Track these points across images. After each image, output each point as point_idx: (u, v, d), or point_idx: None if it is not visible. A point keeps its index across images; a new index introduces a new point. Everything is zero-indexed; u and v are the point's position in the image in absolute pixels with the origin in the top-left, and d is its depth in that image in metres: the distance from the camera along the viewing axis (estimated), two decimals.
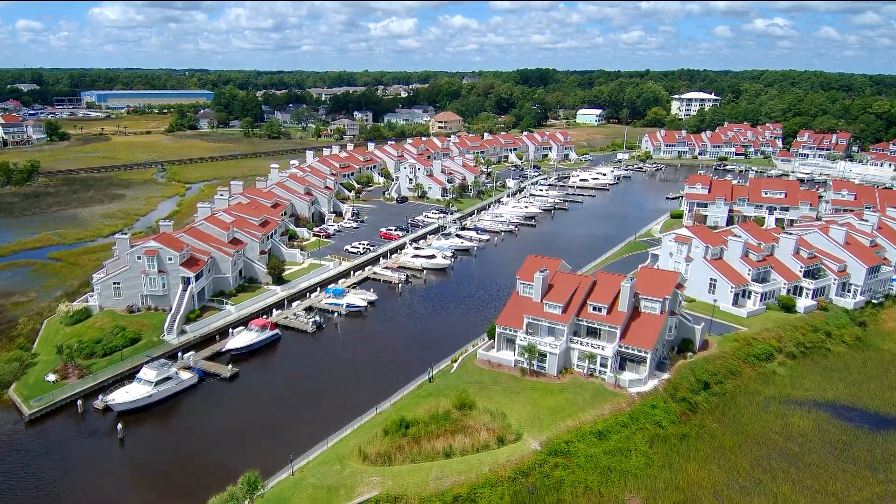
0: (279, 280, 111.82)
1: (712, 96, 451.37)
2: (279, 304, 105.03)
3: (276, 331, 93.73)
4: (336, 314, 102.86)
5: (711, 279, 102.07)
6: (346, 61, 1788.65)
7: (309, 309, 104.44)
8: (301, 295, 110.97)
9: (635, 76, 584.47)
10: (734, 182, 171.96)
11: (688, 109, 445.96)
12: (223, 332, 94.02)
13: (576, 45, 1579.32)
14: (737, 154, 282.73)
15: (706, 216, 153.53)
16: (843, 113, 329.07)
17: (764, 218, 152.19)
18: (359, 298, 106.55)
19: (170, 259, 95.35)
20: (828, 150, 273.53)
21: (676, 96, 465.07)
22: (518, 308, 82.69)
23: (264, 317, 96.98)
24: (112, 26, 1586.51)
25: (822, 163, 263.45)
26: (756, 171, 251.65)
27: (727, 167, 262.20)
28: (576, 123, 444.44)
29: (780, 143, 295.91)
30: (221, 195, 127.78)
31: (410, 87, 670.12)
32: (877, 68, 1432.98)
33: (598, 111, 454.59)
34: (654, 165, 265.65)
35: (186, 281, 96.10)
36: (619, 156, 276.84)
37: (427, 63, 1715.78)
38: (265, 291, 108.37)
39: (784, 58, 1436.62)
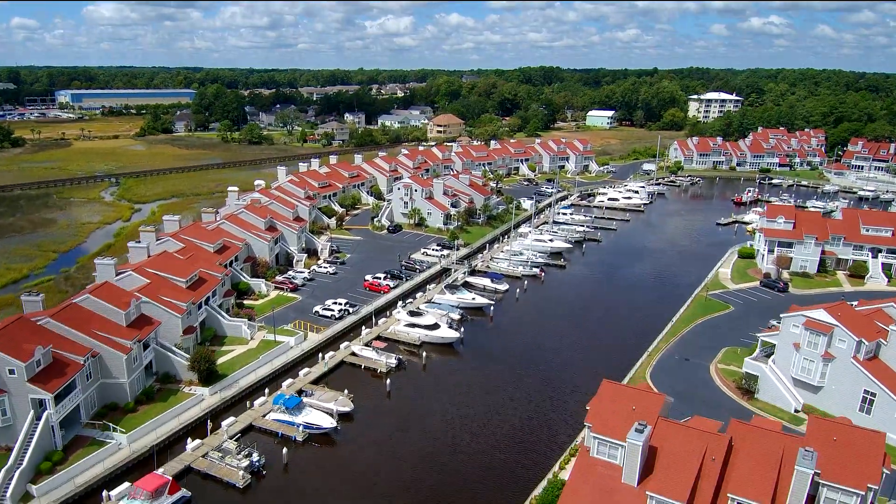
0: (209, 375, 75.71)
1: (733, 97, 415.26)
2: (202, 423, 68.96)
3: (181, 493, 57.24)
4: (289, 440, 66.90)
5: (867, 392, 66.24)
6: (343, 60, 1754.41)
7: (247, 431, 68.37)
8: (242, 398, 75.15)
9: (644, 74, 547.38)
10: (792, 202, 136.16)
11: (707, 111, 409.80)
12: (97, 490, 57.96)
13: (573, 44, 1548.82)
14: (780, 165, 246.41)
15: (791, 258, 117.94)
16: (891, 117, 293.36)
17: (866, 262, 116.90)
18: (323, 413, 70.33)
19: (11, 372, 59.13)
20: (885, 160, 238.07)
21: (695, 97, 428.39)
22: (594, 490, 46.62)
23: (160, 470, 59.74)
24: (107, 24, 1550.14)
25: (881, 176, 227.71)
26: (808, 187, 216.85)
27: (772, 180, 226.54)
28: (586, 126, 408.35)
29: (825, 153, 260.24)
30: (139, 243, 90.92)
31: (407, 85, 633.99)
32: (873, 66, 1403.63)
33: (611, 112, 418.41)
34: (689, 179, 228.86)
35: (41, 405, 59.93)
36: (647, 166, 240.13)
37: (424, 61, 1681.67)
38: (185, 398, 72.18)
39: (781, 56, 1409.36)
